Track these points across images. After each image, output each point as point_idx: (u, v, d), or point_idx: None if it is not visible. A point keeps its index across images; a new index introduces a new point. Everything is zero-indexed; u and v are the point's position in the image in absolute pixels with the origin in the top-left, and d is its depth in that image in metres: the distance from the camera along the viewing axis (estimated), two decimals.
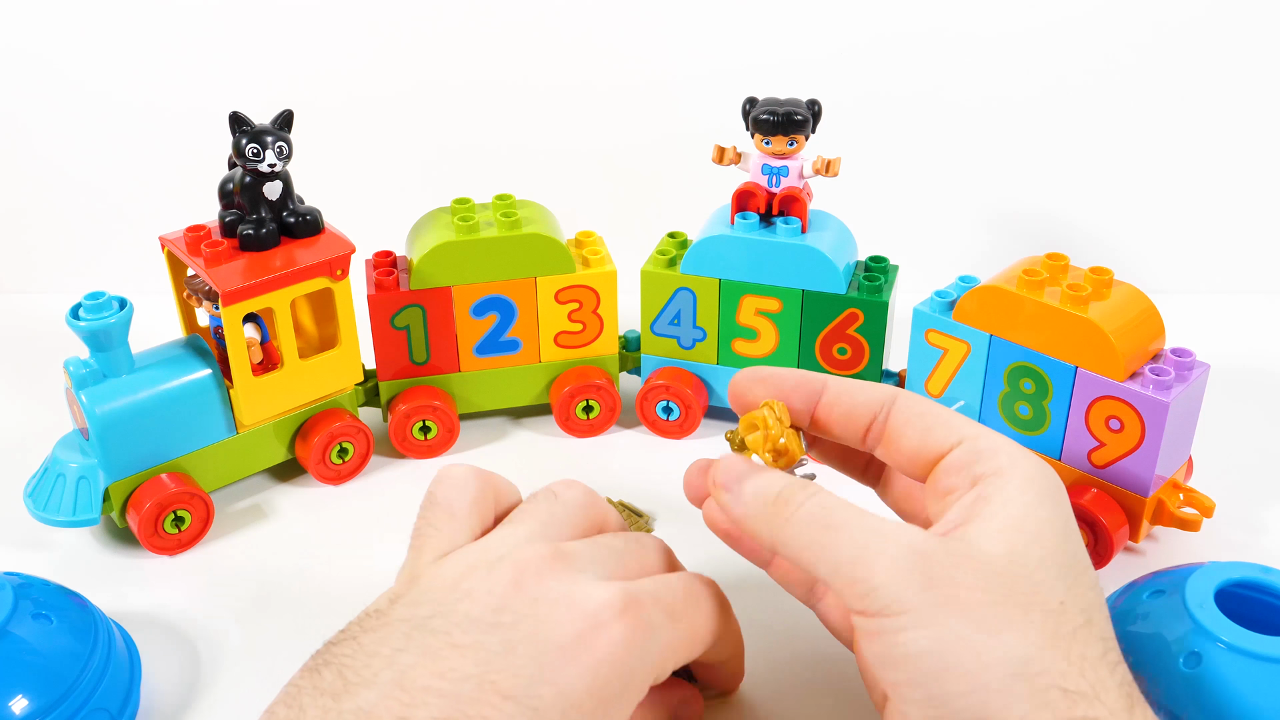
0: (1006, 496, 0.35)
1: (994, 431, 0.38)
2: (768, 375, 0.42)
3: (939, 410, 0.39)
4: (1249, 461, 0.68)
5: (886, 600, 0.33)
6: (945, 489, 0.38)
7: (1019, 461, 0.36)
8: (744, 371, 0.42)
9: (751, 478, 0.38)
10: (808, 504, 0.36)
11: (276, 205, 0.63)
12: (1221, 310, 0.88)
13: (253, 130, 0.61)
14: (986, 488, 0.36)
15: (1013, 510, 0.35)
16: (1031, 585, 0.33)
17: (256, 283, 0.61)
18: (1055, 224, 0.92)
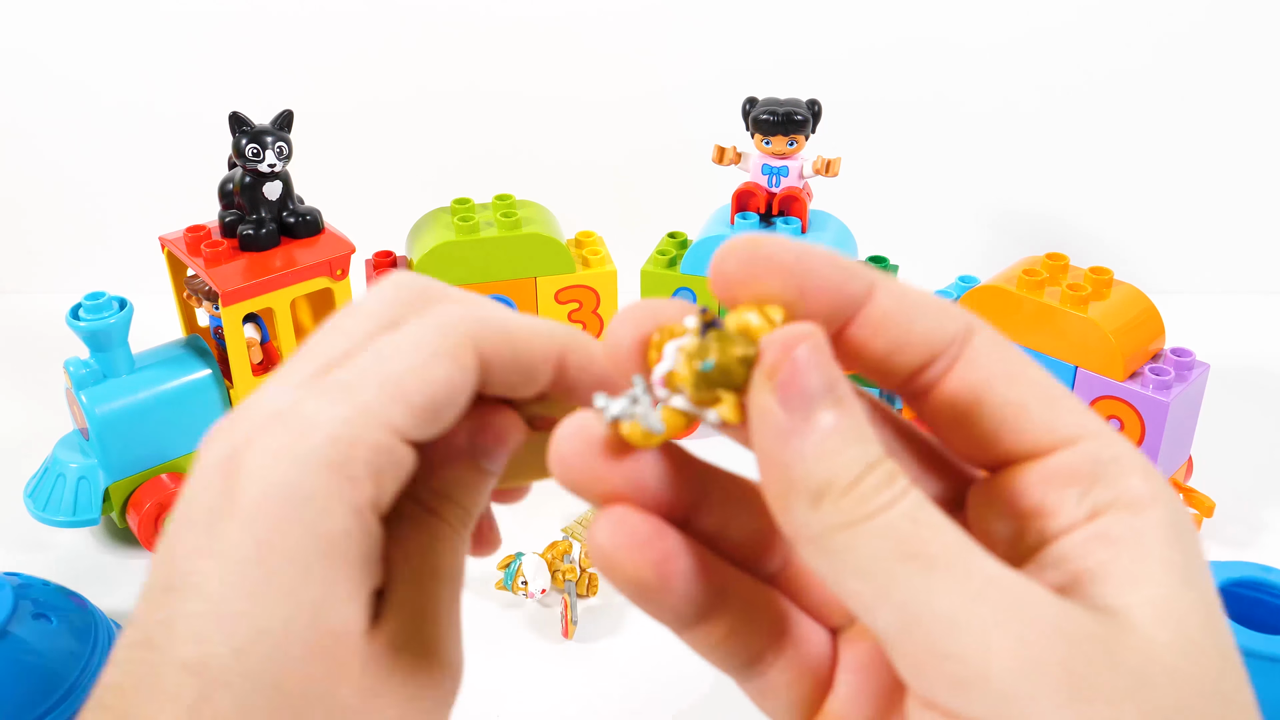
0: (1148, 552, 0.22)
1: (1117, 432, 0.24)
2: (787, 254, 0.23)
3: (1039, 374, 0.23)
4: (1249, 461, 0.68)
5: (998, 705, 0.20)
6: (1039, 503, 0.23)
7: (1161, 496, 0.23)
8: (745, 240, 0.23)
9: (833, 421, 0.21)
10: (895, 509, 0.21)
11: (276, 205, 0.63)
12: (1221, 310, 0.88)
13: (253, 130, 0.61)
14: (1114, 527, 0.22)
15: (1162, 579, 0.22)
16: (1224, 708, 0.21)
17: (256, 283, 0.61)
18: (1055, 224, 0.92)
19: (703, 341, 0.22)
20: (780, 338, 0.21)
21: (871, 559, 0.21)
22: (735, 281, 0.23)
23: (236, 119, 0.61)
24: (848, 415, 0.21)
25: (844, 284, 0.23)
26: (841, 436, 0.21)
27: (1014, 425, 0.23)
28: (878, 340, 0.23)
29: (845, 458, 0.21)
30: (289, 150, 0.62)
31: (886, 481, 0.21)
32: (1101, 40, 0.88)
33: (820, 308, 0.23)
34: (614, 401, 0.22)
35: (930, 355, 0.23)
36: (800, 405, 0.21)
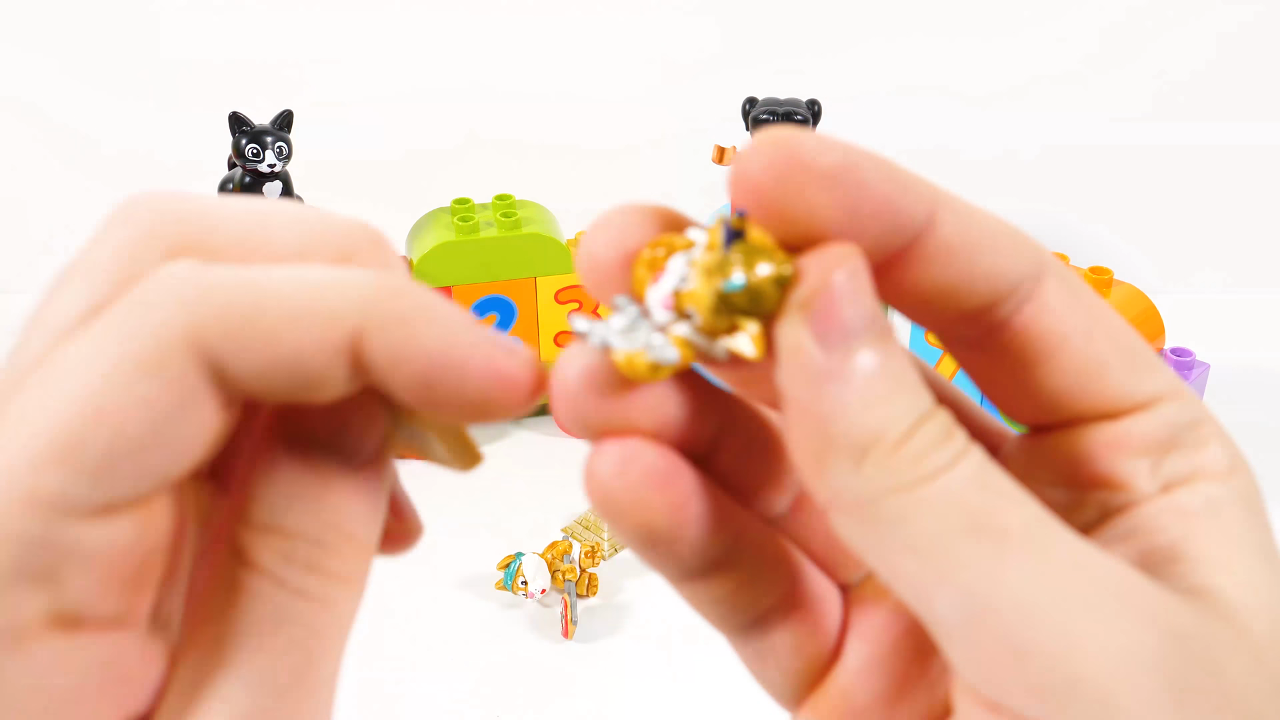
0: (1228, 528, 0.19)
1: (1193, 392, 0.21)
2: (832, 156, 0.17)
3: (1119, 326, 0.19)
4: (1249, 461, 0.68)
5: (1090, 715, 0.17)
6: (1107, 470, 0.19)
7: (1239, 467, 0.20)
8: (777, 137, 0.17)
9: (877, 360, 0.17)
10: (957, 470, 0.17)
11: None
12: (1221, 310, 0.88)
13: (252, 130, 0.61)
14: (1192, 500, 0.19)
15: (1246, 559, 0.19)
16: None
17: None
18: (1055, 224, 0.92)
19: (726, 255, 0.17)
20: (819, 260, 0.17)
21: (930, 532, 0.17)
22: (763, 192, 0.17)
23: (236, 119, 0.61)
24: (895, 356, 0.17)
25: (901, 203, 0.18)
26: (891, 381, 0.17)
27: (1089, 384, 0.19)
28: (935, 275, 0.18)
29: (895, 407, 0.17)
30: (289, 150, 0.62)
31: (944, 436, 0.17)
32: (1101, 40, 0.88)
33: (869, 233, 0.17)
34: (599, 325, 0.18)
35: (996, 297, 0.19)
36: (841, 342, 0.17)
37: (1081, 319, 0.19)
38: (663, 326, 0.18)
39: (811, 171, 0.17)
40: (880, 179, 0.17)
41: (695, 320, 0.18)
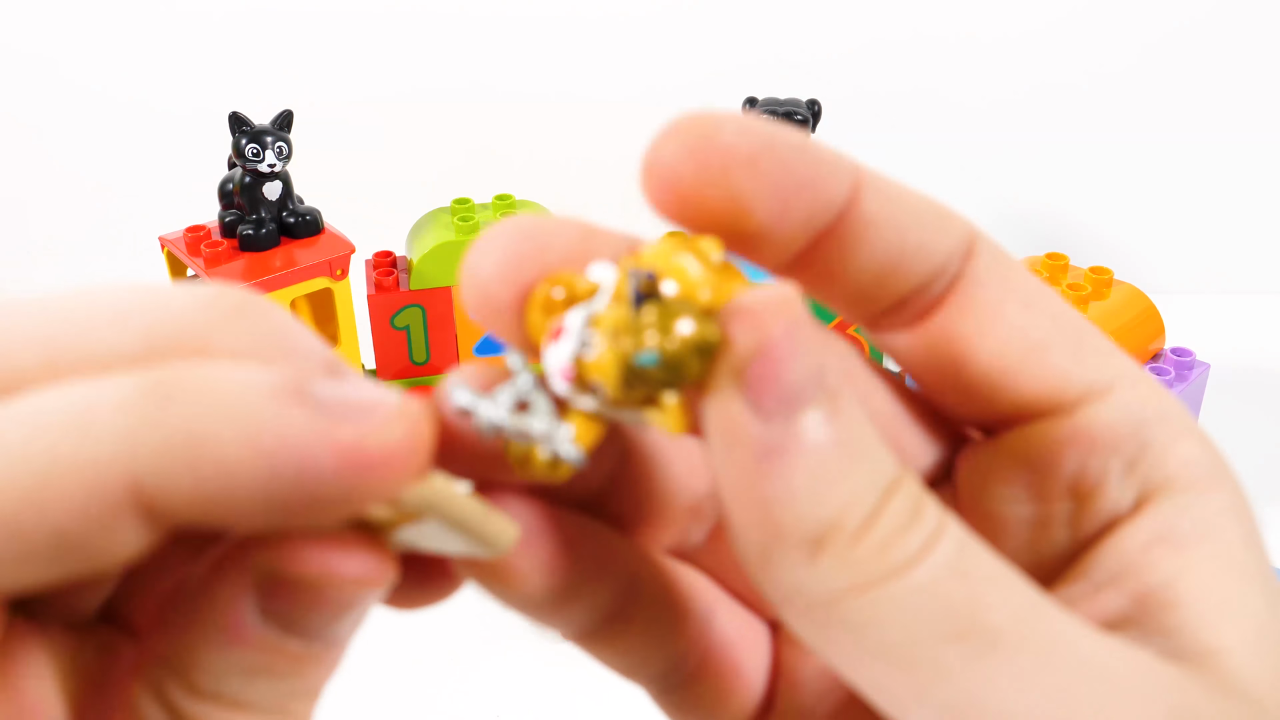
0: (1225, 559, 0.16)
1: (1153, 377, 0.18)
2: (750, 140, 0.16)
3: (1057, 305, 0.17)
4: (1249, 461, 0.68)
5: None
6: (1070, 477, 0.17)
7: (1219, 469, 0.17)
8: (688, 121, 0.16)
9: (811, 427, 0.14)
10: (931, 557, 0.14)
11: (276, 205, 0.63)
12: (1221, 310, 0.88)
13: (252, 130, 0.61)
14: (1179, 523, 0.16)
15: (1249, 601, 0.16)
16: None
17: (256, 283, 0.61)
18: (1055, 224, 0.92)
19: (636, 315, 0.14)
20: (751, 312, 0.14)
21: (904, 638, 0.14)
22: (680, 179, 0.16)
23: (236, 119, 0.61)
24: (849, 417, 0.14)
25: (824, 181, 0.16)
26: (846, 451, 0.14)
27: (1029, 371, 0.17)
28: (862, 256, 0.16)
29: (854, 484, 0.14)
30: (289, 150, 0.62)
31: (913, 514, 0.14)
32: (1102, 39, 0.88)
33: (794, 214, 0.16)
34: (485, 401, 0.14)
35: (926, 274, 0.17)
36: (782, 410, 0.14)
37: (1016, 295, 0.17)
38: (562, 401, 0.15)
39: (731, 154, 0.15)
40: (800, 157, 0.16)
41: (601, 393, 0.14)
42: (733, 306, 0.14)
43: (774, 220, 0.16)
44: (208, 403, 0.13)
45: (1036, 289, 0.17)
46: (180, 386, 0.13)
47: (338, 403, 0.13)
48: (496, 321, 0.16)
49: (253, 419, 0.13)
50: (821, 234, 0.16)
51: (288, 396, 0.13)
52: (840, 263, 0.16)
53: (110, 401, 0.13)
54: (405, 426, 0.14)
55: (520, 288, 0.15)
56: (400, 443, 0.14)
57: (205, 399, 0.13)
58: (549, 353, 0.15)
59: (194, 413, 0.13)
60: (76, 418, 0.13)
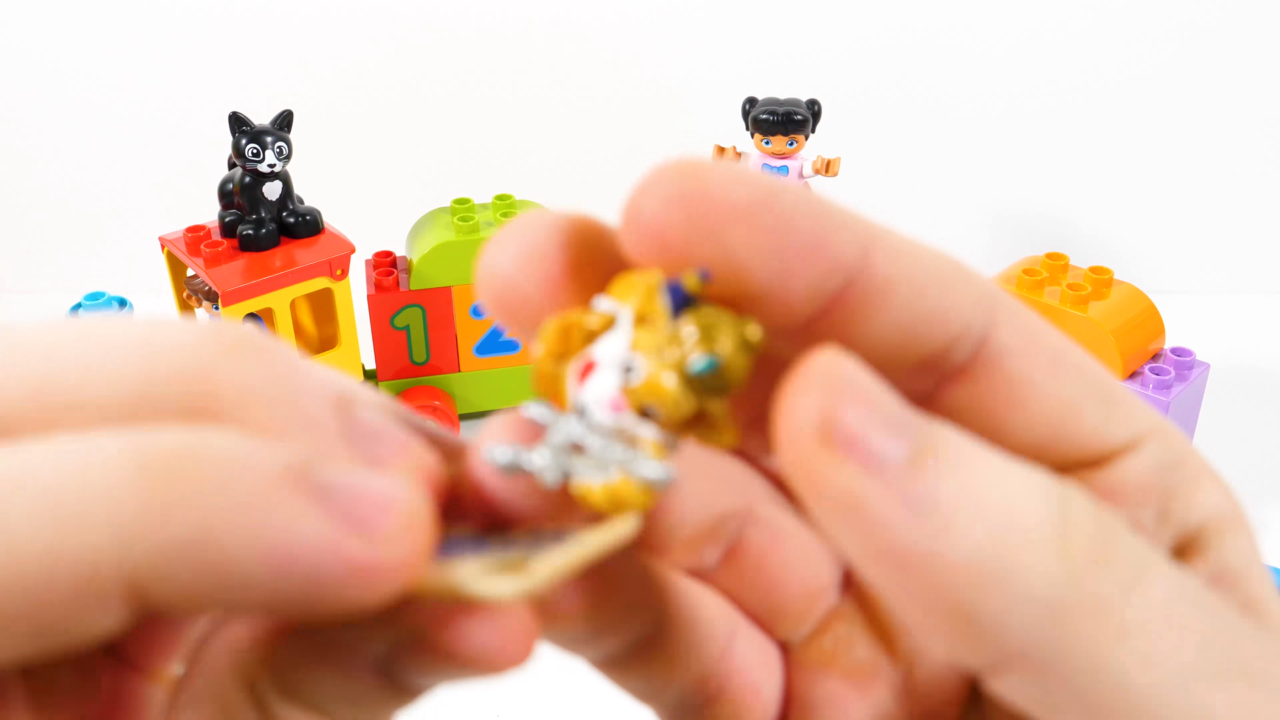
0: (1263, 600, 0.16)
1: (1172, 424, 0.17)
2: (745, 192, 0.14)
3: (1084, 362, 0.17)
4: (1249, 461, 0.68)
5: None
6: None
7: (1236, 508, 0.18)
8: (676, 169, 0.14)
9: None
10: (1162, 576, 0.14)
11: (276, 205, 0.63)
12: (1221, 310, 0.88)
13: (252, 130, 0.61)
14: (1217, 563, 0.16)
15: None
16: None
17: (256, 283, 0.61)
18: (1055, 224, 0.92)
19: (676, 328, 0.14)
20: (801, 376, 0.13)
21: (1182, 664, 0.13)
22: (666, 233, 0.14)
23: (236, 119, 0.61)
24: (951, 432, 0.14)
25: (832, 240, 0.14)
26: (987, 449, 0.13)
27: (1063, 429, 0.16)
28: (876, 323, 0.15)
29: (1018, 480, 0.13)
30: (289, 150, 0.62)
31: (1094, 500, 0.14)
32: (1102, 39, 0.88)
33: (799, 278, 0.14)
34: (533, 454, 0.14)
35: (945, 341, 0.16)
36: (896, 440, 0.13)
37: (1044, 358, 0.16)
38: (621, 434, 0.14)
39: (726, 206, 0.14)
40: (805, 214, 0.14)
41: (655, 415, 0.14)
42: (783, 386, 0.13)
43: (775, 282, 0.14)
44: (212, 494, 0.12)
45: (1061, 347, 0.17)
46: (182, 470, 0.12)
47: (346, 498, 0.13)
48: (515, 316, 0.15)
49: (261, 518, 0.12)
50: (831, 300, 0.15)
51: (296, 487, 0.13)
52: (852, 329, 0.15)
53: (107, 484, 0.12)
54: (413, 538, 0.13)
55: (540, 281, 0.15)
56: (408, 556, 0.13)
57: (210, 488, 0.12)
58: (586, 389, 0.14)
59: (198, 506, 0.12)
60: (71, 502, 0.12)
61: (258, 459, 0.13)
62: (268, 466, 0.13)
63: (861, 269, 0.15)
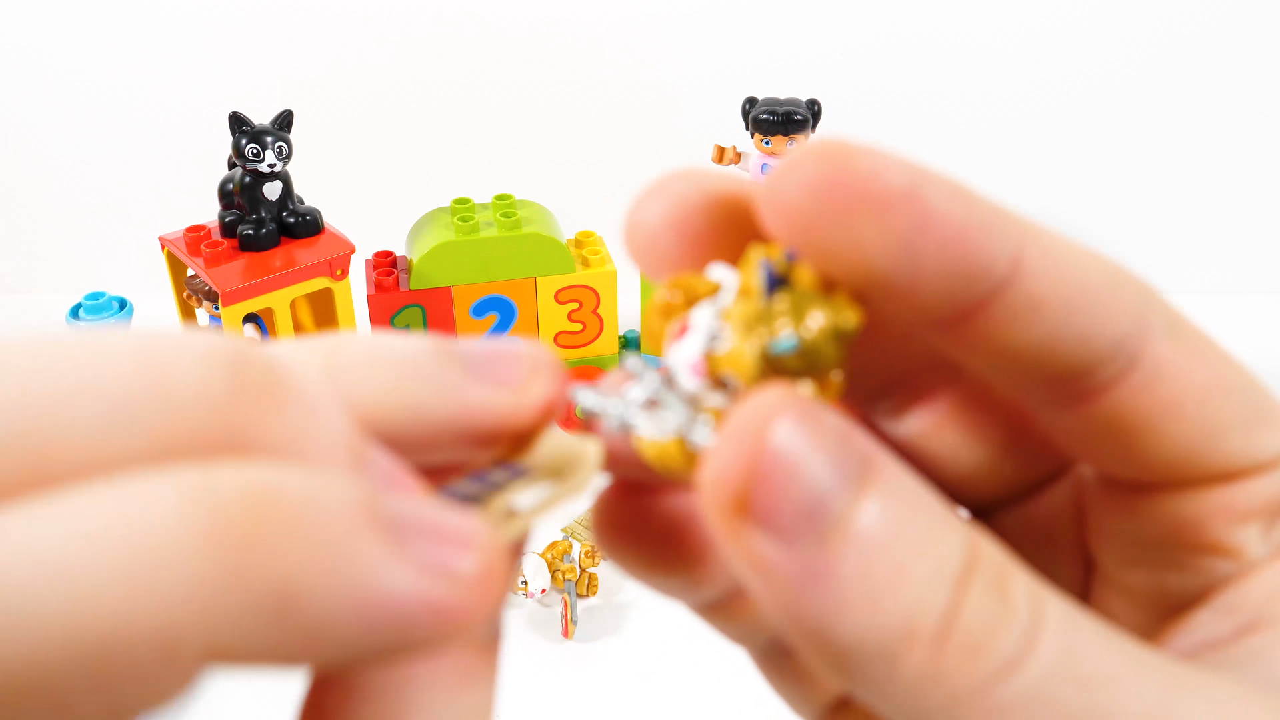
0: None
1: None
2: (898, 179, 0.13)
3: (1240, 379, 0.16)
4: None
5: None
6: (1213, 539, 0.16)
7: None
8: (824, 150, 0.14)
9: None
10: (1037, 651, 0.13)
11: (276, 205, 0.63)
12: (1222, 310, 0.88)
13: (252, 131, 0.61)
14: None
15: None
16: None
17: (256, 283, 0.61)
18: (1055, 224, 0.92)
19: (768, 304, 0.14)
20: (735, 431, 0.13)
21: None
22: (798, 218, 0.13)
23: (236, 119, 0.61)
24: (894, 494, 0.13)
25: (978, 244, 0.13)
26: (899, 541, 0.13)
27: (1203, 451, 0.15)
28: (1015, 336, 0.14)
29: (919, 576, 0.12)
30: (289, 150, 0.62)
31: (1001, 598, 0.13)
32: (1102, 40, 0.88)
33: (931, 280, 0.13)
34: (613, 399, 0.15)
35: (1092, 361, 0.14)
36: (808, 527, 0.12)
37: (1198, 379, 0.15)
38: (694, 398, 0.14)
39: (862, 194, 0.13)
40: (953, 209, 0.13)
41: (733, 387, 0.14)
42: (723, 428, 0.13)
43: (903, 280, 0.13)
44: (294, 545, 0.11)
45: (1217, 363, 0.15)
46: (257, 519, 0.11)
47: (424, 537, 0.12)
48: (654, 268, 0.15)
49: (348, 567, 0.11)
50: (970, 306, 0.14)
51: (374, 528, 0.12)
52: (989, 338, 0.14)
53: (177, 545, 0.11)
54: (495, 582, 0.13)
55: (682, 238, 0.15)
56: (489, 595, 0.13)
57: (290, 538, 0.11)
58: (675, 350, 0.14)
59: (281, 561, 0.11)
60: (139, 571, 0.10)
61: (332, 497, 0.12)
62: (344, 505, 0.12)
63: (1008, 282, 0.14)
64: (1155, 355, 0.15)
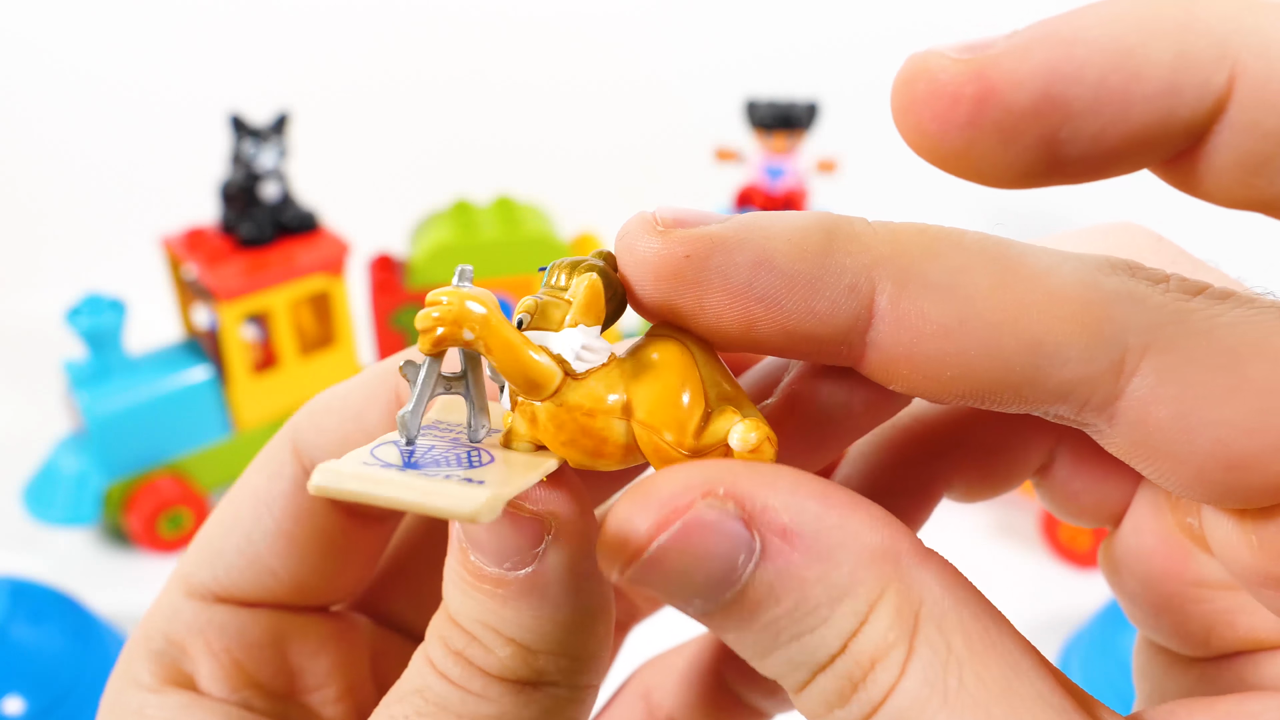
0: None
1: None
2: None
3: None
4: None
5: None
6: None
7: None
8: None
9: None
10: (907, 673, 0.15)
11: (274, 205, 0.63)
12: None
13: (251, 131, 0.61)
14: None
15: None
16: None
17: (254, 282, 0.61)
18: (1055, 224, 0.92)
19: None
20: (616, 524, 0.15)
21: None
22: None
23: (236, 120, 0.61)
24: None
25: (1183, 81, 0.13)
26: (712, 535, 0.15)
27: None
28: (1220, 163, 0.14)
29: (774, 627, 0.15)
30: (287, 151, 0.62)
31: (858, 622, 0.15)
32: None
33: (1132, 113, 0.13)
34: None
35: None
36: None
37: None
38: None
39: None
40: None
41: None
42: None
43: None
44: None
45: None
46: None
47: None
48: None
49: None
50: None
51: None
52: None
53: None
54: None
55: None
56: None
57: None
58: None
59: None
60: None
61: None
62: None
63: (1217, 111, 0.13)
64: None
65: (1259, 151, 0.13)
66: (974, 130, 0.13)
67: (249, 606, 0.20)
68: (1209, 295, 0.15)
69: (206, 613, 0.20)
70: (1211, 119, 0.13)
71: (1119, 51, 0.13)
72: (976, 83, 0.13)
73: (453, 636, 0.16)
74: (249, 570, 0.20)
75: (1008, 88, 0.13)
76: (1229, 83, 0.13)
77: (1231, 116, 0.13)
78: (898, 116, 0.14)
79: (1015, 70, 0.13)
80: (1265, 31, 0.13)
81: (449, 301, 0.16)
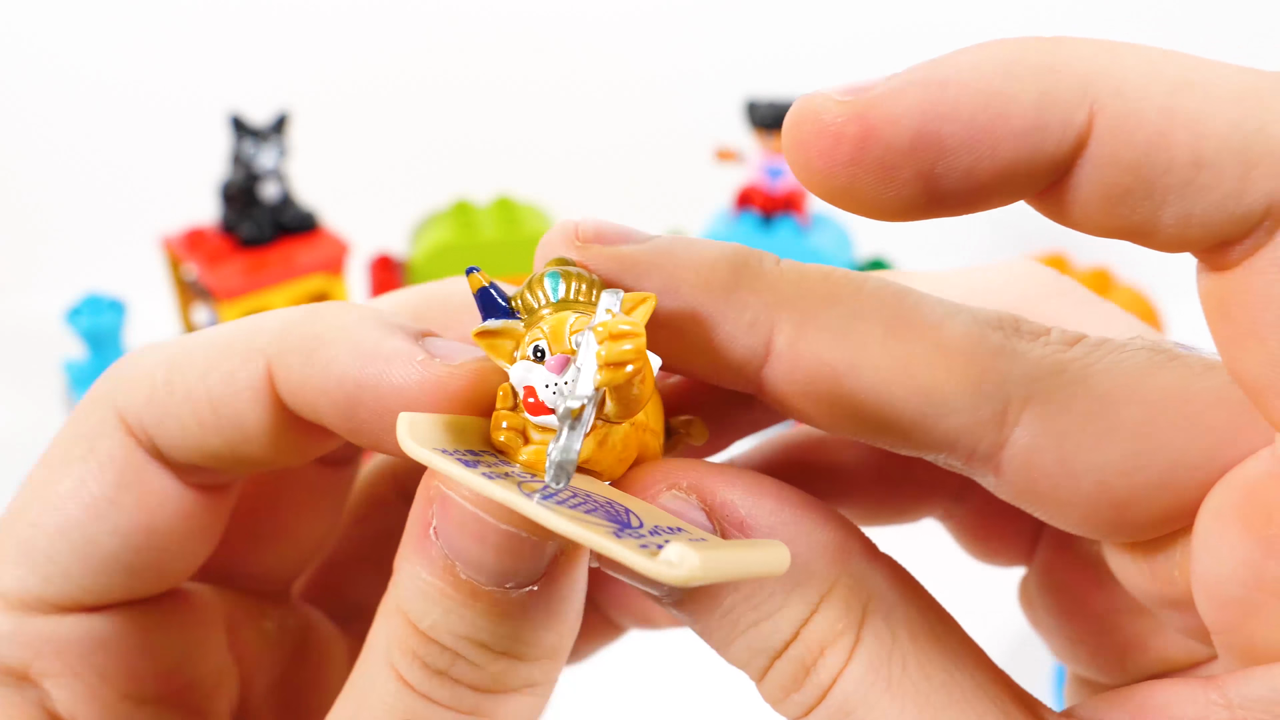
0: None
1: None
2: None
3: None
4: None
5: None
6: None
7: None
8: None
9: None
10: (849, 667, 0.16)
11: (274, 205, 0.63)
12: None
13: (251, 131, 0.61)
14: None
15: None
16: None
17: (254, 281, 0.61)
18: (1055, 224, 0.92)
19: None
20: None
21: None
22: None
23: (235, 121, 0.61)
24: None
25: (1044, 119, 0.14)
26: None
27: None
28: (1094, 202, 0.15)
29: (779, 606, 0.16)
30: (287, 151, 0.62)
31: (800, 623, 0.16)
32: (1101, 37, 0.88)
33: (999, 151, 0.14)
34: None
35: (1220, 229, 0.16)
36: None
37: None
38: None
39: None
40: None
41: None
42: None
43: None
44: (338, 327, 0.18)
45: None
46: (319, 315, 0.18)
47: (441, 345, 0.19)
48: None
49: (368, 342, 0.18)
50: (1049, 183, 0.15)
51: (405, 337, 0.19)
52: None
53: (267, 319, 0.18)
54: (464, 373, 0.18)
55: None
56: (458, 382, 0.18)
57: (340, 323, 0.19)
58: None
59: (322, 329, 0.18)
60: (242, 327, 0.17)
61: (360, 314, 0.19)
62: (383, 325, 0.19)
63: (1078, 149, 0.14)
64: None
65: (1119, 183, 0.14)
66: (856, 167, 0.14)
67: (100, 611, 0.18)
68: (1085, 345, 0.17)
69: (50, 626, 0.17)
70: (1075, 154, 0.14)
71: (987, 92, 0.14)
72: (858, 123, 0.14)
73: (433, 656, 0.16)
74: (101, 570, 0.18)
75: (886, 127, 0.14)
76: (1089, 120, 0.14)
77: (1093, 151, 0.14)
78: (788, 154, 0.15)
79: (893, 111, 0.14)
80: (1123, 72, 0.14)
81: (635, 331, 0.15)
